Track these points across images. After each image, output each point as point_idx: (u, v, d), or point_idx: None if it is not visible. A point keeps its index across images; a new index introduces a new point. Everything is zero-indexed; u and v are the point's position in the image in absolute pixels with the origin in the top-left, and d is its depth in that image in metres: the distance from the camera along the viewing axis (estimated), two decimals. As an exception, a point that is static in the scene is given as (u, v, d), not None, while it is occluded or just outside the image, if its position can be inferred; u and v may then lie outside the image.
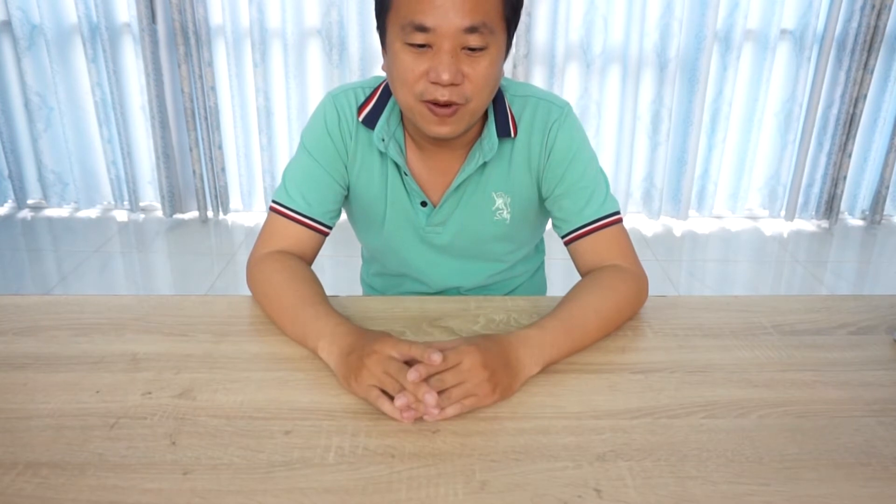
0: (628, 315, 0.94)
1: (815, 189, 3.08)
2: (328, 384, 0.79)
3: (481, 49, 0.86)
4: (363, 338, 0.79)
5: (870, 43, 2.78)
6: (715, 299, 1.01)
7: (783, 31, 2.83)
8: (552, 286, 1.31)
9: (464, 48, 0.86)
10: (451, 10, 0.83)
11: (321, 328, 0.83)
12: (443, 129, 0.90)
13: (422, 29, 0.84)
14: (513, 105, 1.00)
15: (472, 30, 0.84)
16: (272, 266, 0.96)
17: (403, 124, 1.01)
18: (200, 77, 2.81)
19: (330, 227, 1.04)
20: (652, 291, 0.99)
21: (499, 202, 1.04)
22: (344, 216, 1.13)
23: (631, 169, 3.01)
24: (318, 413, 0.74)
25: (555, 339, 0.83)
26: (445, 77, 0.85)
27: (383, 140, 0.98)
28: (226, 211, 3.06)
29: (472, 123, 0.93)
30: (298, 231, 1.00)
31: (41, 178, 3.05)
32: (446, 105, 0.87)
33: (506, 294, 1.18)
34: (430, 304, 0.99)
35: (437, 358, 0.72)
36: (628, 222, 1.29)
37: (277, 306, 0.91)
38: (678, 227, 3.09)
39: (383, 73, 0.97)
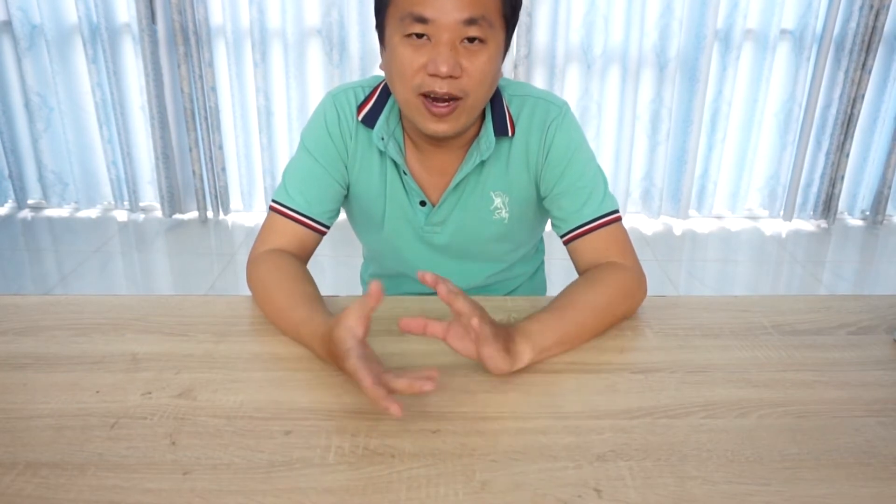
0: (623, 310, 0.93)
1: (814, 189, 3.08)
2: (328, 384, 0.79)
3: (480, 42, 0.87)
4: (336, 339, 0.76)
5: (868, 43, 2.78)
6: (715, 299, 1.01)
7: (783, 31, 2.83)
8: (552, 286, 1.31)
9: (462, 41, 0.86)
10: (450, 2, 0.84)
11: (314, 330, 0.83)
12: (440, 127, 0.90)
13: (421, 20, 0.85)
14: (511, 104, 1.00)
15: (470, 21, 0.85)
16: (267, 265, 0.96)
17: (402, 124, 1.01)
18: (200, 77, 2.81)
19: (328, 227, 1.04)
20: (652, 291, 0.98)
21: (497, 201, 1.04)
22: (343, 216, 1.13)
23: (630, 168, 3.01)
24: (318, 413, 0.74)
25: (545, 326, 0.84)
26: (444, 69, 0.85)
27: (382, 139, 0.98)
28: (226, 211, 3.06)
29: (470, 122, 0.93)
30: (297, 230, 1.00)
31: (41, 178, 3.05)
32: (444, 100, 0.88)
33: (505, 295, 1.18)
34: (430, 304, 0.98)
35: (429, 387, 0.68)
36: (628, 222, 1.29)
37: (272, 306, 0.91)
38: (678, 227, 3.09)
39: (382, 73, 0.98)
